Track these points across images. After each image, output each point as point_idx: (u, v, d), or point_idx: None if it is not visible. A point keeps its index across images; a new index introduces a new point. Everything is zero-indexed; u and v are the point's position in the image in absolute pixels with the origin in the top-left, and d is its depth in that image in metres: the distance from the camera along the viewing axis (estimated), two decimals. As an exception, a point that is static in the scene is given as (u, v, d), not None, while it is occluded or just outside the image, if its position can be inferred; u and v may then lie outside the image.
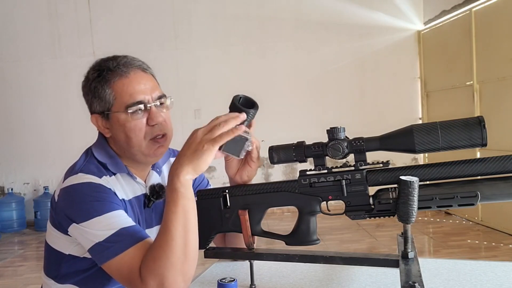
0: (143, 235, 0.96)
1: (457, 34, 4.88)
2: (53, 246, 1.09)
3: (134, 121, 1.05)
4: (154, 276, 0.87)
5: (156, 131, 1.08)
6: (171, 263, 0.87)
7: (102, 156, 1.09)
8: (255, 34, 5.82)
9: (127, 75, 1.06)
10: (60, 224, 1.03)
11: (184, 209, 0.89)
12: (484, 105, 4.48)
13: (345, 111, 5.66)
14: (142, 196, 1.14)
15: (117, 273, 0.93)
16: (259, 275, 1.16)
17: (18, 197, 5.83)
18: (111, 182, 1.06)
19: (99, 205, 0.97)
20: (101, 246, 0.94)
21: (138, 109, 1.05)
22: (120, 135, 1.08)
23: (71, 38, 5.81)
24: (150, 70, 1.12)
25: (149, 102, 1.07)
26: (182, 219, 0.89)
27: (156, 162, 1.18)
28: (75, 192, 1.00)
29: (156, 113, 1.07)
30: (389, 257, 1.01)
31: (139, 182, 1.14)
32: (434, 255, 3.84)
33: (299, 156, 0.92)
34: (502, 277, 1.08)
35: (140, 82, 1.07)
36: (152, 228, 1.16)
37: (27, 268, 4.04)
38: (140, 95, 1.06)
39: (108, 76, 1.06)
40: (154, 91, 1.08)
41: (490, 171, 0.84)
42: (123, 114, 1.05)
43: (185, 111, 5.77)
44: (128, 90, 1.05)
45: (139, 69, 1.09)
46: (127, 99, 1.05)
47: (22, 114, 5.91)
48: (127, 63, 1.08)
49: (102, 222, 0.95)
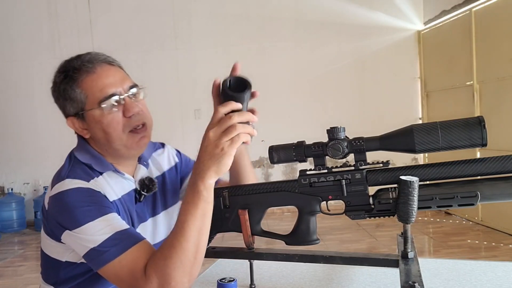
0: (139, 237, 0.95)
1: (457, 34, 4.88)
2: (49, 254, 1.07)
3: (110, 115, 1.03)
4: (161, 274, 0.86)
5: (134, 122, 1.05)
6: (181, 263, 0.86)
7: (86, 157, 1.07)
8: (255, 34, 5.82)
9: (94, 70, 1.03)
10: (53, 232, 1.01)
11: (202, 212, 0.88)
12: (484, 105, 4.48)
13: (345, 111, 5.66)
14: (132, 191, 1.12)
15: (115, 277, 0.92)
16: (259, 275, 1.16)
17: (18, 197, 5.83)
18: (99, 184, 1.04)
19: (91, 210, 0.96)
20: (97, 252, 0.92)
21: (111, 103, 1.03)
22: (99, 133, 1.05)
23: (71, 38, 5.81)
24: (116, 62, 1.10)
25: (121, 93, 1.04)
26: (199, 222, 0.88)
27: (142, 156, 1.16)
28: (65, 198, 0.97)
29: (131, 104, 1.05)
30: (389, 257, 1.01)
31: (127, 178, 1.12)
32: (434, 255, 3.84)
33: (299, 156, 0.92)
34: (502, 277, 1.08)
35: (109, 75, 1.04)
36: (145, 222, 1.15)
37: (27, 268, 4.04)
38: (111, 88, 1.03)
39: (75, 75, 1.03)
40: (124, 82, 1.06)
41: (490, 171, 0.84)
42: (97, 111, 1.03)
43: (185, 111, 5.77)
44: (98, 85, 1.03)
45: (104, 63, 1.06)
46: (99, 95, 1.03)
47: (22, 114, 5.91)
48: (92, 59, 1.05)
49: (96, 227, 0.94)
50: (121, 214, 1.04)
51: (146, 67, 5.69)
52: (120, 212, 1.04)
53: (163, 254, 0.88)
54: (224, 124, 0.84)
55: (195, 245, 0.87)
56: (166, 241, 0.90)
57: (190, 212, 0.87)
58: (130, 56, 5.66)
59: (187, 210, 0.88)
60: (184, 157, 1.32)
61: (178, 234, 0.87)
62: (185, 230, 0.87)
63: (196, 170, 0.87)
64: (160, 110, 5.65)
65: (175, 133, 5.62)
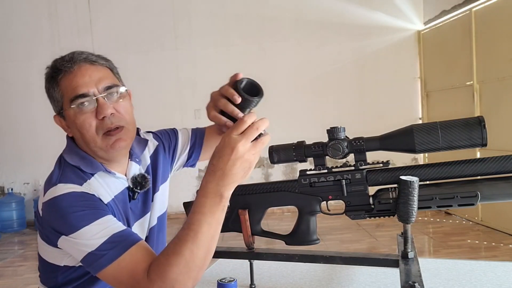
0: (136, 238, 0.94)
1: (457, 34, 4.88)
2: (47, 259, 1.07)
3: (82, 116, 1.01)
4: (166, 279, 0.85)
5: (106, 125, 1.02)
6: (189, 269, 0.85)
7: (74, 159, 1.05)
8: (255, 34, 5.82)
9: (71, 70, 1.02)
10: (49, 238, 1.00)
11: (218, 221, 0.86)
12: (484, 105, 4.48)
13: (345, 111, 5.66)
14: (125, 190, 1.11)
15: (114, 280, 0.91)
16: (259, 275, 1.16)
17: (18, 197, 5.83)
18: (93, 186, 1.02)
19: (86, 214, 0.94)
20: (94, 255, 0.91)
21: (80, 103, 1.01)
22: (76, 133, 1.05)
23: (71, 38, 5.81)
24: (101, 61, 1.06)
25: (95, 94, 1.01)
26: (213, 230, 0.86)
27: (133, 152, 1.15)
28: (59, 204, 0.95)
29: (103, 105, 1.01)
30: (389, 257, 1.01)
31: (119, 177, 1.10)
32: (434, 255, 3.84)
33: (299, 156, 0.92)
34: (502, 277, 1.08)
35: (85, 75, 1.02)
36: (140, 219, 1.14)
37: (27, 268, 4.04)
38: (83, 88, 1.01)
39: (55, 74, 1.03)
40: (100, 82, 1.02)
41: (490, 171, 0.84)
42: (71, 111, 1.02)
43: (185, 111, 5.77)
44: (72, 84, 1.01)
45: (85, 62, 1.04)
46: (70, 94, 1.01)
47: (23, 114, 5.91)
48: (72, 58, 1.03)
49: (92, 230, 0.92)
50: (116, 214, 1.03)
51: (146, 67, 5.69)
52: (115, 213, 1.03)
53: (169, 261, 0.85)
54: (251, 135, 0.82)
55: (205, 252, 0.86)
56: (175, 247, 0.86)
57: (207, 221, 0.85)
58: (130, 56, 5.66)
59: (203, 220, 0.85)
60: (161, 134, 1.30)
61: (190, 242, 0.84)
62: (198, 239, 0.84)
63: (220, 181, 0.83)
64: (160, 110, 5.67)
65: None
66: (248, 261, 1.10)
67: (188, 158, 1.32)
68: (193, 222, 0.85)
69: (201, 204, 0.85)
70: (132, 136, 1.09)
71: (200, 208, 0.85)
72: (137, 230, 1.12)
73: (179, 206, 1.17)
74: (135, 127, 1.10)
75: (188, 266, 0.85)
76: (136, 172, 1.14)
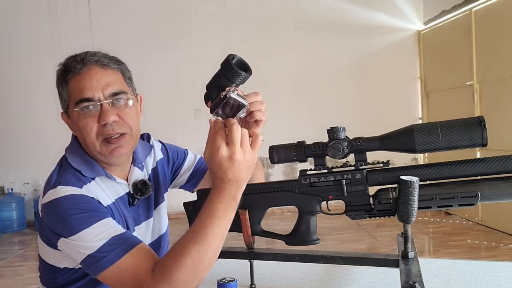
0: (136, 240, 0.94)
1: (457, 34, 4.88)
2: (47, 261, 1.07)
3: (85, 120, 1.01)
4: (172, 280, 0.84)
5: (107, 131, 1.01)
6: (196, 271, 0.85)
7: (77, 162, 1.04)
8: (255, 34, 5.82)
9: (80, 71, 1.01)
10: (49, 239, 1.00)
11: (228, 223, 0.86)
12: (484, 105, 4.48)
13: (345, 111, 5.66)
14: (125, 195, 1.11)
15: (116, 282, 0.91)
16: (259, 275, 1.16)
17: (18, 197, 5.83)
18: (92, 190, 1.02)
19: (86, 216, 0.94)
20: (94, 258, 0.90)
21: (84, 107, 1.00)
22: (78, 134, 1.05)
23: (71, 38, 5.81)
24: (113, 65, 1.05)
25: (100, 99, 1.01)
26: (224, 231, 0.86)
27: (136, 158, 1.14)
28: (59, 206, 0.95)
29: (106, 112, 1.00)
30: (389, 257, 1.01)
31: (120, 182, 1.10)
32: (434, 255, 3.84)
33: (300, 155, 0.92)
34: (502, 277, 1.08)
35: (93, 78, 1.01)
36: (140, 225, 1.14)
37: (27, 268, 4.04)
38: (88, 92, 1.00)
39: (66, 74, 1.03)
40: (108, 88, 1.01)
41: (490, 171, 0.84)
42: (75, 112, 1.02)
43: (185, 111, 5.77)
44: (79, 87, 1.01)
45: (96, 65, 1.02)
46: (76, 96, 1.01)
47: (22, 114, 5.91)
48: (84, 59, 1.02)
49: (92, 233, 0.92)
50: (116, 218, 1.03)
51: (146, 67, 5.69)
52: (115, 216, 1.03)
53: (177, 263, 0.85)
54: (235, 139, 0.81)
55: (213, 253, 0.86)
56: (183, 249, 0.85)
57: (220, 224, 0.85)
58: (130, 56, 5.64)
59: (215, 223, 0.84)
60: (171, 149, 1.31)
61: (199, 244, 0.84)
62: (209, 241, 0.84)
63: (234, 188, 0.84)
64: (160, 110, 5.67)
65: (175, 133, 5.62)
66: (248, 261, 1.10)
67: (186, 182, 1.33)
68: (204, 225, 0.85)
69: (215, 210, 0.85)
70: (134, 143, 1.08)
71: (214, 213, 0.85)
72: (137, 235, 1.11)
73: (179, 206, 1.17)
74: (138, 134, 1.10)
75: (196, 267, 0.85)
76: (138, 177, 1.14)
